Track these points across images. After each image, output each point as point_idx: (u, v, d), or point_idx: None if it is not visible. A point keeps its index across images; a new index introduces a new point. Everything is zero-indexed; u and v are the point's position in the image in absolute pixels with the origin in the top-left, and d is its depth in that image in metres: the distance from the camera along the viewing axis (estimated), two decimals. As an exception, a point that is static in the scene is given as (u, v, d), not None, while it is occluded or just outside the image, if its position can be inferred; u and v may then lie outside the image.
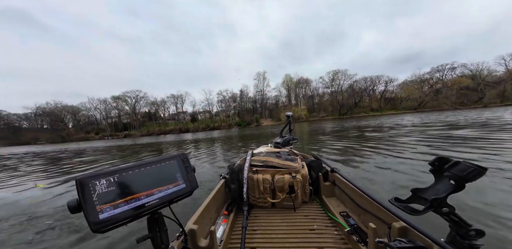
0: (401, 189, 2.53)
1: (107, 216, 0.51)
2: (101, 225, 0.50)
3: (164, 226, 0.68)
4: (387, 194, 2.40)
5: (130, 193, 0.56)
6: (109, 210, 0.52)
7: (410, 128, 9.66)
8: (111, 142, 29.16)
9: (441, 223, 1.78)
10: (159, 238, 0.66)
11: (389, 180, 2.89)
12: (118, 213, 0.53)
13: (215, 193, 1.44)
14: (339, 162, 4.36)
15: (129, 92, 67.26)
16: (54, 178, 5.18)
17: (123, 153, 10.64)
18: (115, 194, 0.54)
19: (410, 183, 2.70)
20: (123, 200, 0.55)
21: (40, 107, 66.81)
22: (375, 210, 1.08)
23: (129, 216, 0.55)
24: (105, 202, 0.52)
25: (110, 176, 0.55)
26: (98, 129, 66.79)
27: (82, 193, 0.49)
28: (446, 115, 18.43)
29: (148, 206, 0.59)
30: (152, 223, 0.65)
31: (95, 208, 0.50)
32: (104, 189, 0.53)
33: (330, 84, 64.98)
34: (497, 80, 51.08)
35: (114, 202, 0.53)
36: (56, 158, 11.06)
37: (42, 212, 2.83)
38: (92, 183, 0.51)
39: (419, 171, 3.11)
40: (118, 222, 0.53)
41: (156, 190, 0.62)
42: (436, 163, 0.47)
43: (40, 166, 8.05)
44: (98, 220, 0.49)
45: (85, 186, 0.50)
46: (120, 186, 0.56)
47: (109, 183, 0.54)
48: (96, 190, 0.51)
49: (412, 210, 0.47)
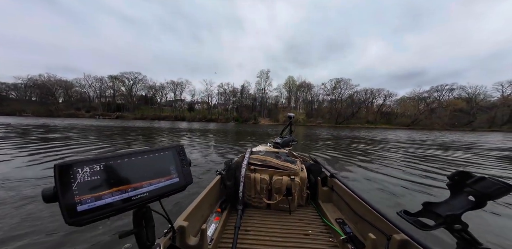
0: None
1: (87, 208, 0.46)
2: (79, 218, 0.44)
3: (152, 221, 0.62)
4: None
5: (116, 184, 0.51)
6: (89, 201, 0.47)
7: (398, 144, 9.80)
8: (98, 122, 27.40)
9: (443, 239, 1.71)
10: (144, 234, 0.61)
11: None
12: (100, 206, 0.48)
13: (209, 189, 1.38)
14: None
15: (127, 73, 65.43)
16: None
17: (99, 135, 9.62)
18: (99, 185, 0.49)
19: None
20: (108, 192, 0.49)
21: (32, 78, 63.77)
22: (374, 220, 1.04)
23: (112, 210, 0.49)
24: (86, 192, 0.47)
25: (96, 164, 0.49)
26: (89, 107, 64.46)
27: (60, 181, 0.44)
28: (436, 136, 18.87)
29: (135, 199, 0.54)
30: (139, 218, 0.59)
31: (74, 199, 0.45)
32: (87, 178, 0.47)
33: (331, 91, 65.81)
34: (490, 106, 53.40)
35: (97, 193, 0.48)
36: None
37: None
38: (73, 170, 0.46)
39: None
40: (99, 215, 0.48)
41: (146, 182, 0.57)
42: (456, 178, 0.45)
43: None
44: (76, 212, 0.44)
45: (64, 173, 0.45)
46: (106, 176, 0.50)
47: (93, 172, 0.48)
48: (77, 179, 0.46)
49: (422, 224, 0.45)
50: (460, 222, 0.42)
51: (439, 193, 2.81)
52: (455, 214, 0.41)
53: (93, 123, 22.64)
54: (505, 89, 53.18)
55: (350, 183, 1.51)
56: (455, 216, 0.41)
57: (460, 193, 0.44)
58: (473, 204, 0.41)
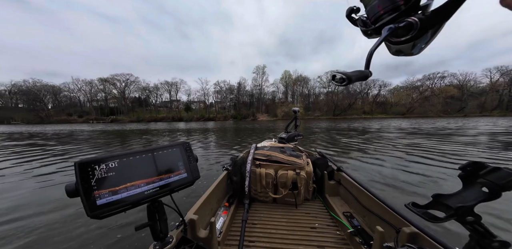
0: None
1: (105, 202, 0.49)
2: (98, 211, 0.48)
3: (164, 214, 0.66)
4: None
5: (130, 180, 0.55)
6: (107, 196, 0.50)
7: (398, 134, 9.88)
8: (99, 126, 27.52)
9: (454, 231, 1.67)
10: (158, 227, 0.65)
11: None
12: (117, 200, 0.51)
13: (217, 184, 1.41)
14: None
15: (118, 75, 63.41)
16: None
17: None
18: (115, 180, 0.52)
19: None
20: (123, 187, 0.53)
21: (16, 84, 60.92)
22: (382, 213, 1.04)
23: (128, 204, 0.53)
24: (103, 187, 0.50)
25: (111, 161, 0.53)
26: (81, 112, 62.43)
27: (80, 177, 0.48)
28: (431, 122, 19.14)
29: (148, 194, 0.57)
30: (152, 212, 0.63)
31: (93, 194, 0.48)
32: (104, 174, 0.51)
33: (327, 84, 66.08)
34: (479, 92, 55.19)
35: (113, 188, 0.51)
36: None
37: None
38: (91, 167, 0.50)
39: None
40: (116, 209, 0.51)
41: (158, 178, 0.60)
42: (469, 168, 0.43)
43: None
44: (96, 205, 0.48)
45: (84, 170, 0.49)
46: (121, 172, 0.54)
47: (109, 169, 0.52)
48: (95, 175, 0.50)
49: (432, 216, 0.45)
50: (472, 214, 0.41)
51: (448, 185, 2.76)
52: (467, 205, 0.41)
53: (94, 128, 22.19)
54: (493, 75, 55.00)
55: (357, 176, 1.52)
56: (467, 208, 0.41)
57: (473, 184, 0.43)
58: (486, 196, 0.40)
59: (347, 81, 0.38)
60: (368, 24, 0.48)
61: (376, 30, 0.45)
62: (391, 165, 3.82)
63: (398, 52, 0.46)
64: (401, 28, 0.40)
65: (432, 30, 0.39)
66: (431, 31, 0.39)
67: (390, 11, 0.42)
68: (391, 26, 0.41)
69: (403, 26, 0.39)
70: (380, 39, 0.41)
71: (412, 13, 0.40)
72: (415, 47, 0.42)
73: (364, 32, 0.49)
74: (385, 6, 0.41)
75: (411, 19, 0.38)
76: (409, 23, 0.39)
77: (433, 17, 0.37)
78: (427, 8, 0.38)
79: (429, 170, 3.41)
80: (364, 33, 0.49)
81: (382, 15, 0.43)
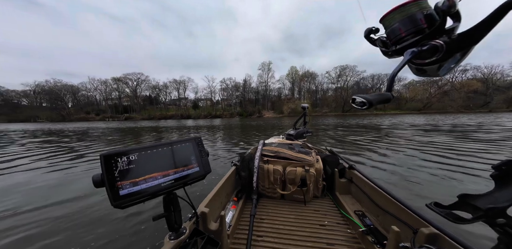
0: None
1: (127, 192, 0.52)
2: (121, 201, 0.51)
3: (178, 206, 0.70)
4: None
5: (148, 172, 0.58)
6: (128, 187, 0.53)
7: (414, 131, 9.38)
8: (114, 124, 29.15)
9: (478, 233, 1.58)
10: (173, 218, 0.69)
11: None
12: (137, 191, 0.54)
13: (226, 179, 1.43)
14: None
15: (130, 74, 65.90)
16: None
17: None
18: (135, 172, 0.55)
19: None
20: (142, 178, 0.56)
21: (39, 84, 65.76)
22: (398, 213, 1.01)
23: (147, 194, 0.56)
24: (125, 179, 0.53)
25: (131, 154, 0.56)
26: (98, 110, 66.13)
27: (105, 169, 0.51)
28: (451, 118, 18.08)
29: (164, 186, 0.60)
30: (168, 203, 0.67)
31: (116, 184, 0.51)
32: (125, 166, 0.54)
33: (336, 79, 63.71)
34: (507, 85, 50.11)
35: (134, 180, 0.54)
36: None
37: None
38: (114, 159, 0.53)
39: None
40: (136, 199, 0.54)
41: (173, 171, 0.63)
42: (504, 167, 0.41)
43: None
44: (119, 195, 0.51)
45: (108, 162, 0.52)
46: (140, 165, 0.57)
47: (130, 161, 0.55)
48: (118, 167, 0.53)
49: (457, 217, 0.42)
50: (504, 216, 0.38)
51: (469, 185, 2.55)
52: (499, 207, 0.38)
53: (110, 125, 23.43)
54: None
55: (370, 174, 1.44)
56: (499, 209, 0.38)
57: (508, 184, 0.40)
58: None
59: (368, 105, 0.37)
60: (388, 44, 0.46)
61: (397, 51, 0.44)
62: (405, 164, 3.57)
63: (421, 73, 0.44)
64: (425, 51, 0.38)
65: (462, 52, 0.37)
66: (460, 53, 0.37)
67: (412, 34, 0.40)
68: (414, 49, 0.39)
69: (427, 49, 0.38)
70: (402, 63, 0.40)
71: (436, 36, 0.38)
72: (441, 68, 0.41)
73: (385, 53, 0.47)
74: (407, 29, 0.40)
75: (436, 42, 0.37)
76: (434, 46, 0.37)
77: (460, 41, 0.36)
78: (453, 31, 0.37)
79: (448, 170, 3.18)
80: (385, 53, 0.48)
81: (403, 38, 0.41)
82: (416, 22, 0.39)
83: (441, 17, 0.37)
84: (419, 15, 0.39)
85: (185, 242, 0.73)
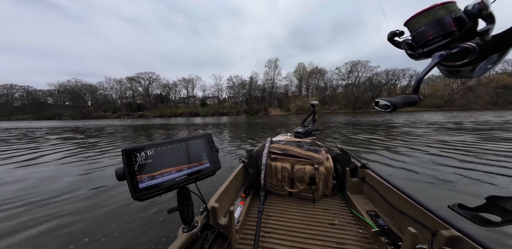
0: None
1: (145, 186, 0.55)
2: (140, 194, 0.54)
3: (190, 200, 0.72)
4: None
5: (164, 167, 0.60)
6: (146, 180, 0.56)
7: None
8: (129, 121, 30.70)
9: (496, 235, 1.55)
10: (186, 211, 0.72)
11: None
12: (154, 184, 0.57)
13: (234, 175, 1.45)
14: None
15: (142, 74, 68.60)
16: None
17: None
18: (152, 167, 0.58)
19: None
20: (158, 173, 0.59)
21: (62, 84, 70.88)
22: (415, 214, 0.98)
23: (163, 188, 0.59)
24: (144, 172, 0.56)
25: (148, 150, 0.58)
26: (114, 108, 69.94)
27: (127, 163, 0.54)
28: (474, 115, 16.57)
29: (178, 180, 0.63)
30: (181, 197, 0.70)
31: (136, 178, 0.54)
32: (144, 161, 0.57)
33: (347, 76, 60.89)
34: (544, 79, 44.39)
35: (151, 174, 0.57)
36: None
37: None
38: (134, 154, 0.55)
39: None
40: (154, 192, 0.57)
41: (186, 166, 0.65)
42: None
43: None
44: (138, 188, 0.54)
45: (129, 156, 0.54)
46: (156, 160, 0.59)
47: (147, 156, 0.58)
48: (137, 161, 0.55)
49: (484, 220, 0.40)
50: None
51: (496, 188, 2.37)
52: None
53: (125, 123, 24.58)
54: None
55: (385, 174, 1.38)
56: None
57: None
58: None
59: (392, 108, 0.36)
60: (415, 47, 0.45)
61: (425, 53, 0.43)
62: (422, 164, 3.38)
63: (453, 74, 0.43)
64: (455, 53, 0.37)
65: (499, 53, 0.35)
66: (498, 54, 0.36)
67: (440, 37, 0.39)
68: (443, 53, 0.38)
69: (457, 52, 0.37)
70: (430, 66, 0.39)
71: (467, 38, 0.37)
72: (476, 69, 0.39)
73: (411, 55, 0.47)
74: (435, 32, 0.38)
75: (468, 45, 0.36)
76: (465, 48, 0.36)
77: (495, 43, 0.34)
78: (487, 32, 0.36)
79: (472, 169, 3.00)
80: (411, 56, 0.47)
81: (430, 40, 0.40)
82: (444, 25, 0.38)
83: (472, 20, 0.35)
84: (447, 19, 0.38)
85: (196, 235, 0.76)
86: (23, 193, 2.60)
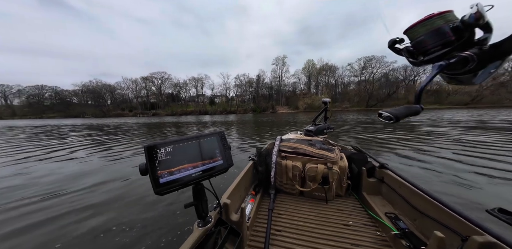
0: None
1: (165, 181, 0.58)
2: (161, 188, 0.57)
3: (205, 196, 0.75)
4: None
5: (181, 163, 0.62)
6: (166, 176, 0.58)
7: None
8: (144, 119, 32.53)
9: None
10: (201, 207, 0.74)
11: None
12: (173, 179, 0.59)
13: (244, 173, 1.45)
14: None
15: (155, 73, 71.45)
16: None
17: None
18: (171, 163, 0.60)
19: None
20: (176, 169, 0.61)
21: (85, 84, 76.33)
22: (441, 217, 0.92)
23: (181, 183, 0.61)
24: (164, 168, 0.58)
25: (167, 146, 0.61)
26: (131, 107, 73.97)
27: (149, 159, 0.57)
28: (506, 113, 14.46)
29: (194, 176, 0.65)
30: (196, 193, 0.72)
31: (157, 173, 0.57)
32: (163, 157, 0.59)
33: (360, 72, 57.67)
34: None
35: (170, 169, 0.59)
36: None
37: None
38: (155, 150, 0.58)
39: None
40: (173, 187, 0.59)
41: (200, 163, 0.67)
42: None
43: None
44: (159, 183, 0.56)
45: (150, 152, 0.57)
46: (175, 156, 0.61)
47: (167, 152, 0.60)
48: (158, 157, 0.58)
49: None
50: None
51: None
52: None
53: (140, 121, 25.71)
54: None
55: (406, 174, 1.30)
56: None
57: None
58: None
59: (394, 119, 0.37)
60: (415, 54, 0.45)
61: (426, 61, 0.43)
62: (449, 166, 3.19)
63: (454, 81, 0.43)
64: (454, 63, 0.37)
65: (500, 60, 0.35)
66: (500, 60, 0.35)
67: (439, 46, 0.39)
68: (442, 63, 0.38)
69: (456, 61, 0.37)
70: (430, 77, 0.40)
71: (466, 47, 0.37)
72: (477, 76, 0.39)
73: (412, 63, 0.47)
74: (434, 42, 0.39)
75: (466, 54, 0.36)
76: (463, 58, 0.36)
77: (493, 52, 0.34)
78: (485, 41, 0.36)
79: (506, 171, 2.84)
80: (412, 63, 0.48)
81: (429, 49, 0.40)
82: (443, 35, 0.38)
83: (469, 29, 0.35)
84: (445, 28, 0.38)
85: (210, 231, 0.78)
86: (56, 184, 2.86)
